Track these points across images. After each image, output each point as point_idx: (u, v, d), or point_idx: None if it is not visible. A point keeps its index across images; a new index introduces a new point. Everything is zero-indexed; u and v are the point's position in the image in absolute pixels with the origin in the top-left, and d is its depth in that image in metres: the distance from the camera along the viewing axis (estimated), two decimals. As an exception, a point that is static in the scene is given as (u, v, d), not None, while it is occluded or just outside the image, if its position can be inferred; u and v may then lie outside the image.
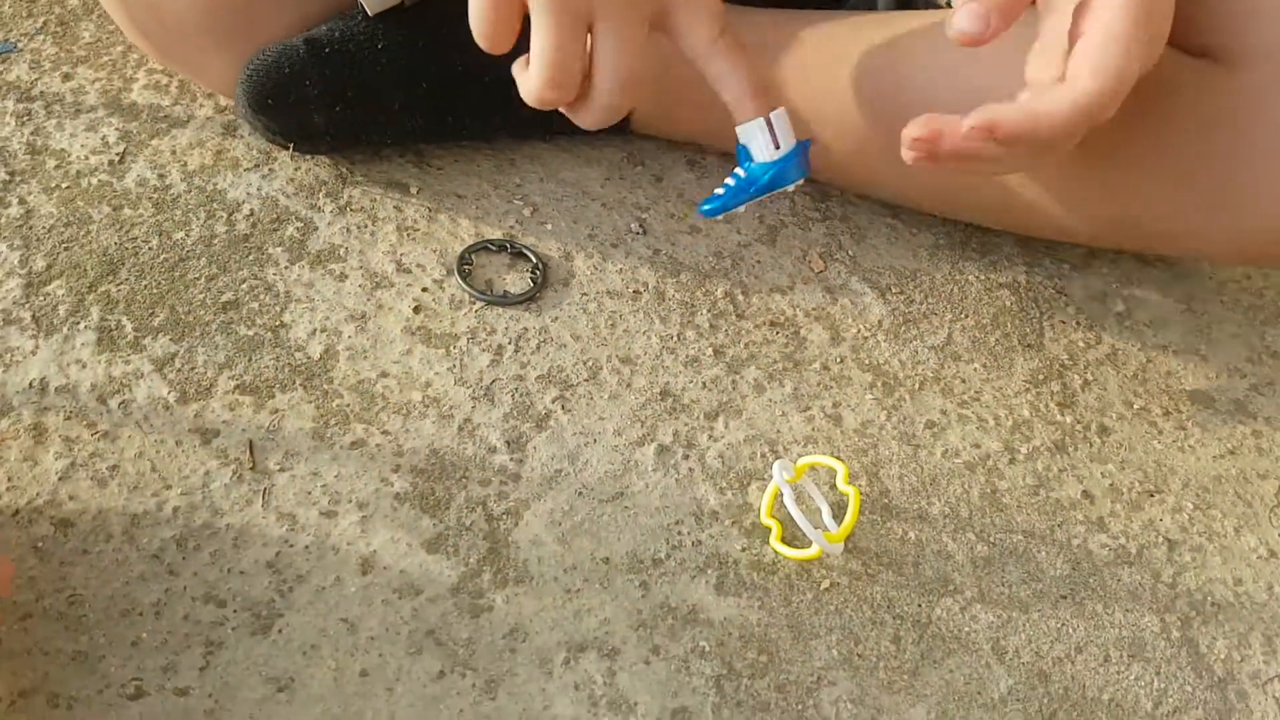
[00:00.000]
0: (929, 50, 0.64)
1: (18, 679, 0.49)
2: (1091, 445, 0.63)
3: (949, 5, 0.67)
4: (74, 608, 0.52)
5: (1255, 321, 0.71)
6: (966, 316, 0.68)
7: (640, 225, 0.70)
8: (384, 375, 0.62)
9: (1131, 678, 0.55)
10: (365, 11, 0.65)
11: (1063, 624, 0.56)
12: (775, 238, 0.71)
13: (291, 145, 0.69)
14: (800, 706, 0.53)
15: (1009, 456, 0.63)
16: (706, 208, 0.56)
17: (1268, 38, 0.56)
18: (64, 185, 0.68)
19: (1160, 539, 0.60)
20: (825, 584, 0.57)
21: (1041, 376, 0.66)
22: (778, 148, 0.53)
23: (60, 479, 0.56)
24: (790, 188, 0.55)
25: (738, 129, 0.54)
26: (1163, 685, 0.54)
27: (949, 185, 0.67)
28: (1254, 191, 0.57)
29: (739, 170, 0.55)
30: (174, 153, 0.70)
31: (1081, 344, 0.68)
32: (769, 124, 0.53)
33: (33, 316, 0.62)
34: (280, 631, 0.52)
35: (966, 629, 0.56)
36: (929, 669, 0.54)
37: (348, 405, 0.60)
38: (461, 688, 0.51)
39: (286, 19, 0.67)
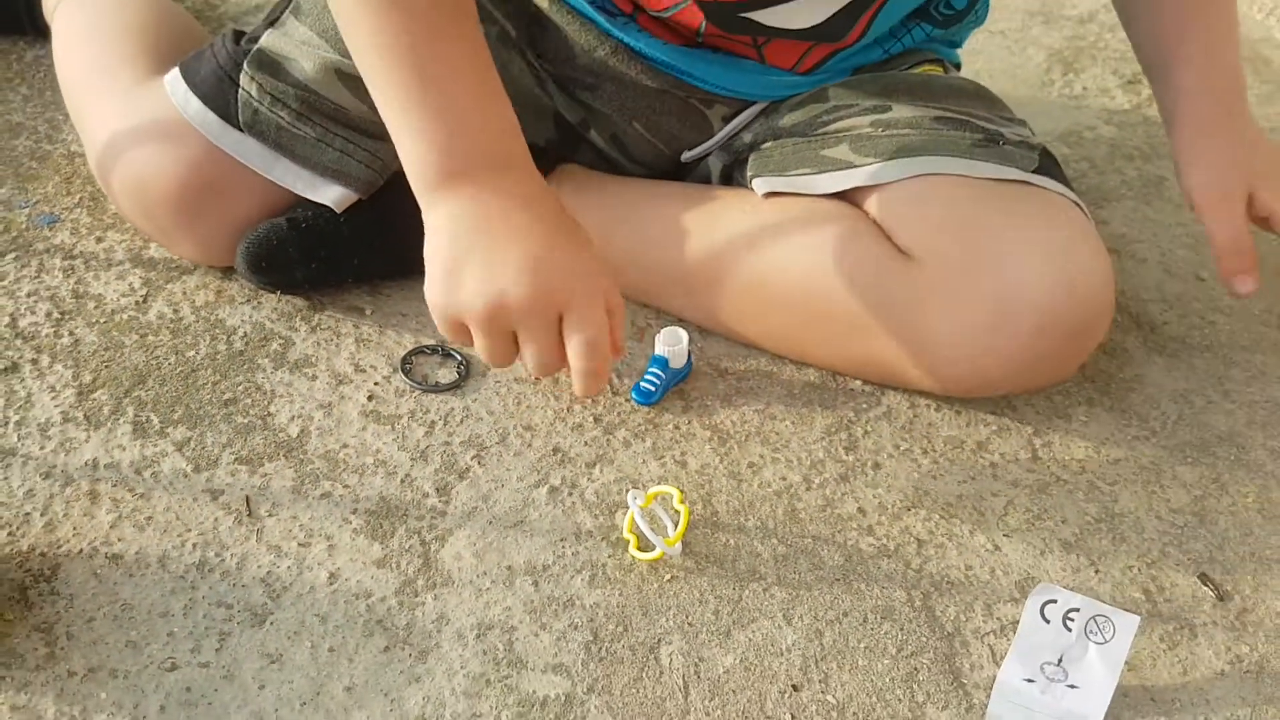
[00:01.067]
0: (740, 219, 0.90)
1: (87, 660, 0.70)
2: (867, 476, 0.86)
3: (751, 186, 0.92)
4: (125, 612, 0.73)
5: (1002, 384, 0.94)
6: (780, 388, 0.92)
7: (537, 332, 0.94)
8: (345, 446, 0.84)
9: (883, 633, 0.76)
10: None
11: (835, 598, 0.78)
12: (643, 336, 0.95)
13: (278, 292, 0.93)
14: (645, 658, 0.74)
15: (806, 485, 0.85)
16: (643, 401, 0.89)
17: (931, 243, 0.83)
18: (102, 320, 0.91)
19: (912, 539, 0.82)
20: (668, 577, 0.78)
21: (834, 429, 0.89)
22: (683, 360, 0.90)
23: (111, 527, 0.77)
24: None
25: (657, 349, 0.89)
26: (904, 637, 0.76)
27: (748, 332, 0.93)
28: (934, 350, 0.83)
29: (658, 372, 0.89)
30: (184, 293, 0.94)
31: (865, 405, 0.91)
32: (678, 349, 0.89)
33: (85, 415, 0.84)
34: (272, 624, 0.73)
35: (766, 604, 0.77)
36: (738, 630, 0.76)
37: (319, 469, 0.83)
38: (402, 656, 0.72)
39: (254, 203, 0.91)
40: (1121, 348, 0.97)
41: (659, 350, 0.89)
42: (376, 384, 0.89)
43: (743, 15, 0.85)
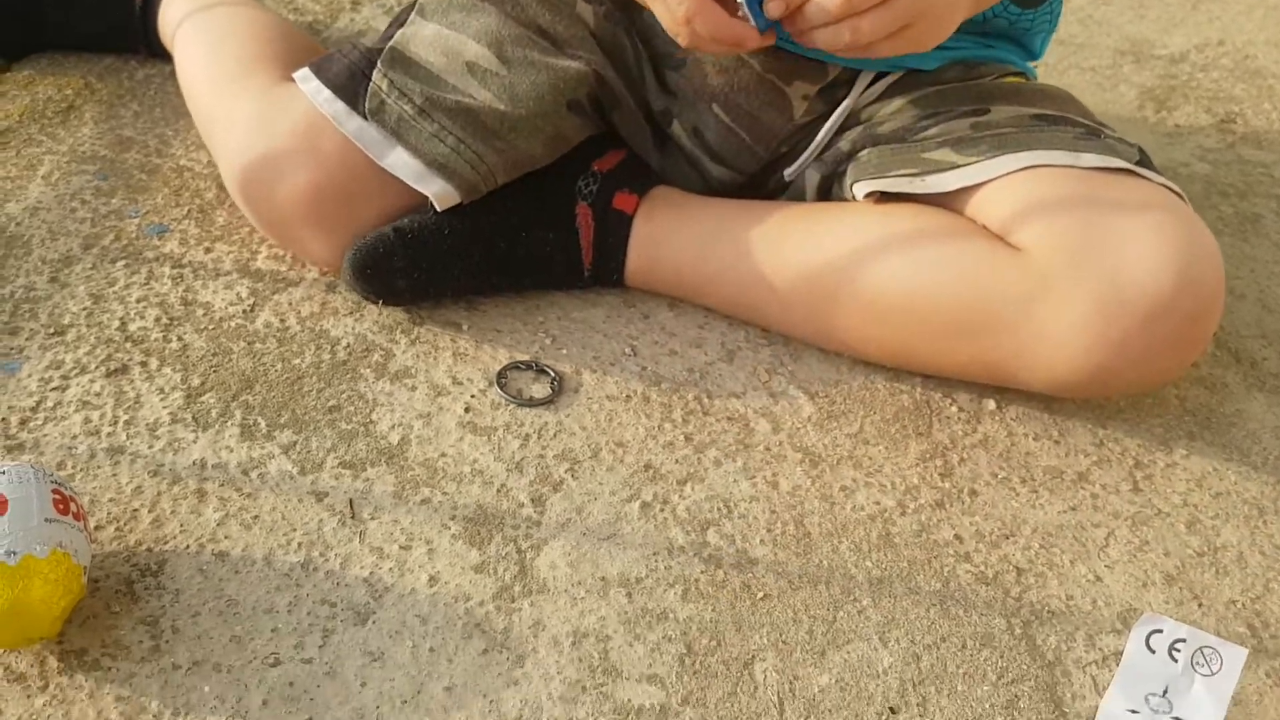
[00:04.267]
0: (842, 231, 0.90)
1: (192, 654, 0.72)
2: (963, 503, 0.85)
3: (854, 198, 0.93)
4: (230, 607, 0.74)
5: (1100, 416, 0.93)
6: (875, 413, 0.92)
7: (632, 349, 0.95)
8: (443, 455, 0.85)
9: (982, 659, 0.75)
10: (434, 206, 0.92)
11: (933, 623, 0.77)
12: (733, 358, 0.95)
13: (380, 301, 0.95)
14: (739, 674, 0.73)
15: (901, 510, 0.85)
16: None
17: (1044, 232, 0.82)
18: (210, 327, 0.94)
19: (1011, 567, 0.81)
20: (761, 595, 0.78)
21: (929, 455, 0.89)
22: None
23: (218, 525, 0.79)
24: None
25: None
26: (1004, 664, 0.75)
27: (849, 341, 0.92)
28: (1048, 343, 0.82)
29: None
30: (290, 304, 0.96)
31: (960, 433, 0.90)
32: None
33: (193, 417, 0.87)
34: (374, 623, 0.74)
35: (861, 626, 0.77)
36: (833, 650, 0.75)
37: (418, 475, 0.84)
38: (500, 660, 0.73)
39: (373, 210, 0.94)
40: (1221, 383, 0.96)
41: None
42: (473, 396, 0.90)
43: None
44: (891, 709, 0.72)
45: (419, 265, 0.92)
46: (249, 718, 0.68)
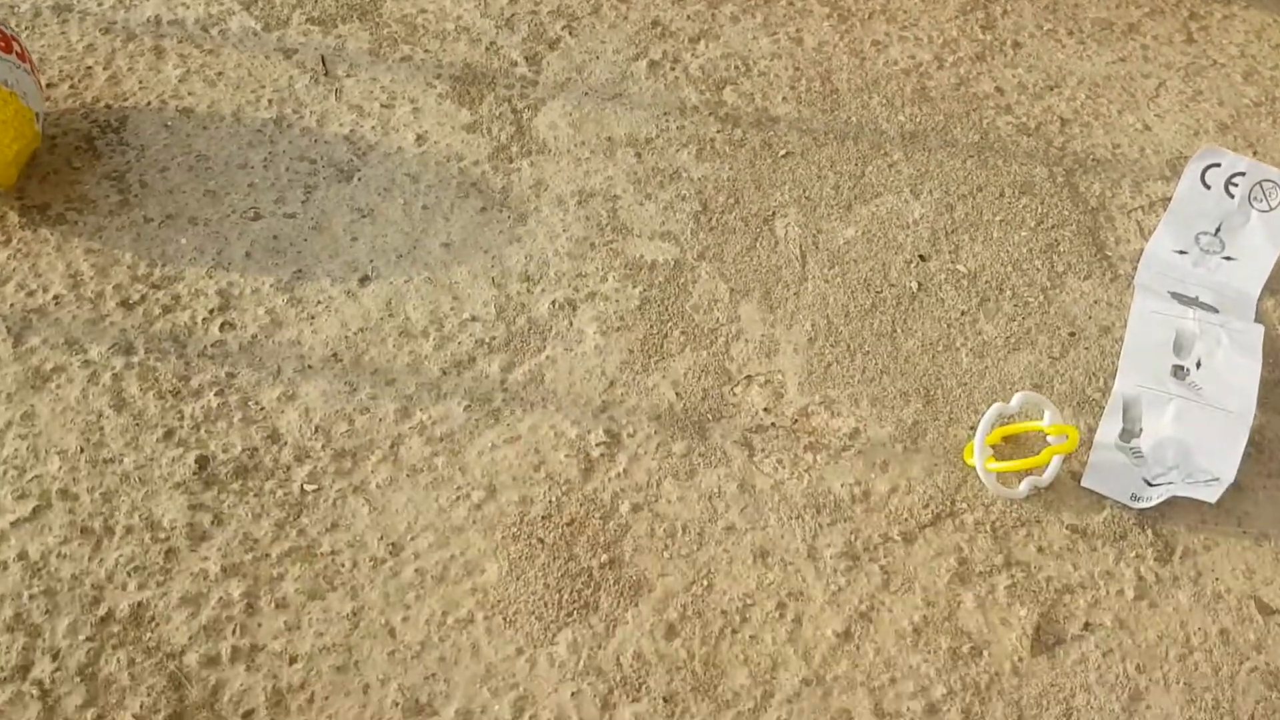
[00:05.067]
0: None
1: (164, 208, 0.66)
2: (1006, 56, 0.77)
3: None
4: (200, 162, 0.68)
5: (1156, -33, 0.83)
6: (908, -35, 0.82)
7: (633, -101, 0.84)
8: (423, 11, 0.76)
9: (1020, 206, 0.70)
10: None
11: (969, 173, 0.71)
12: None
13: None
14: (759, 229, 0.68)
15: (938, 64, 0.77)
16: None
17: None
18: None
19: (1055, 118, 0.74)
20: (783, 152, 0.72)
21: (969, 7, 0.80)
22: None
23: (180, 81, 0.71)
24: None
25: None
26: (1044, 210, 0.69)
27: None
28: None
29: None
30: None
31: (1003, -18, 0.81)
32: None
33: (141, -28, 0.77)
34: (360, 180, 0.68)
35: (892, 179, 0.71)
36: (860, 205, 0.69)
37: (396, 33, 0.75)
38: (500, 218, 0.67)
39: None
40: (1297, -73, 0.85)
41: None
42: (456, -49, 0.80)
43: None
44: (921, 256, 0.67)
45: None
46: (233, 269, 0.63)
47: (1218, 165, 0.65)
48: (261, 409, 0.58)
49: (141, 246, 0.64)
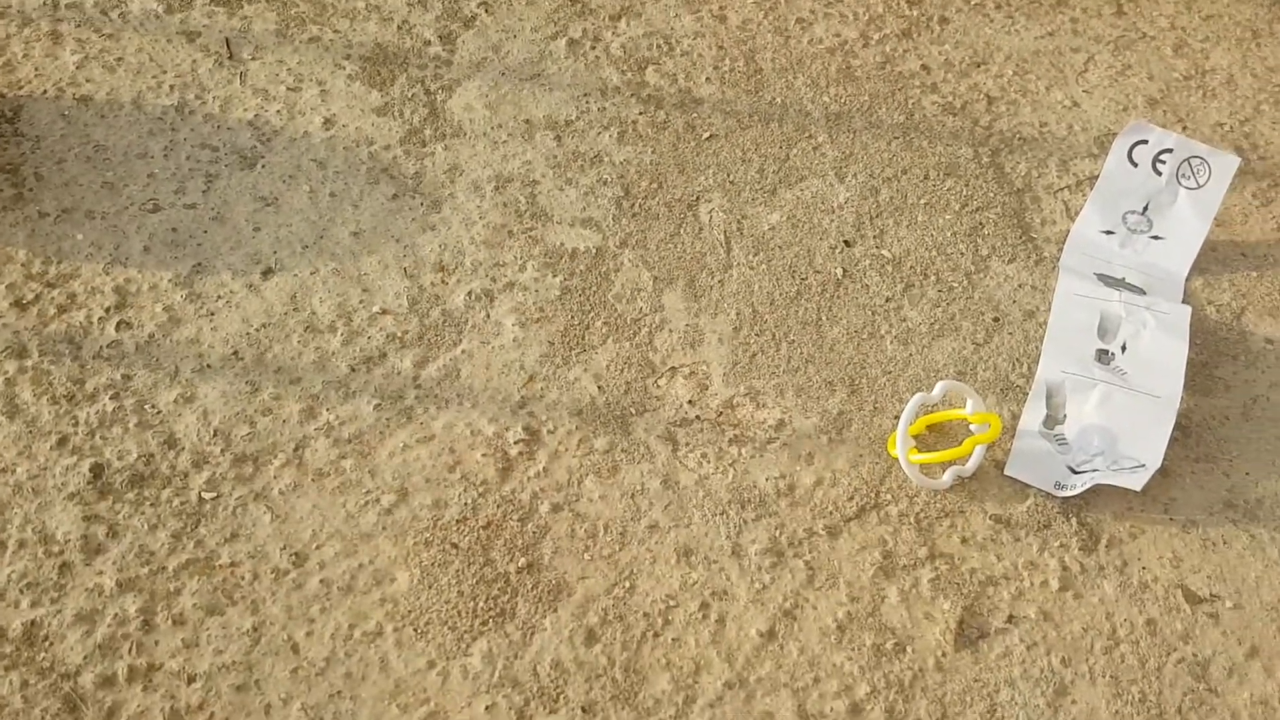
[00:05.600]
0: None
1: (59, 201, 0.63)
2: (932, 32, 0.76)
3: None
4: (98, 153, 0.65)
5: (1084, -61, 0.82)
6: (834, -61, 0.80)
7: None
8: (335, -11, 0.73)
9: (945, 189, 0.69)
10: None
11: (894, 155, 0.70)
12: (671, -117, 0.82)
13: None
14: (682, 215, 0.66)
15: (863, 42, 0.75)
16: None
17: None
18: None
19: (981, 96, 0.73)
20: (706, 135, 0.70)
21: (890, -18, 0.78)
22: None
23: (77, 68, 0.68)
24: None
25: None
26: (969, 193, 0.68)
27: None
28: None
29: None
30: None
31: (930, -44, 0.79)
32: None
33: (33, -50, 0.73)
34: (263, 167, 0.65)
35: (816, 162, 0.69)
36: (785, 189, 0.68)
37: (304, 12, 0.72)
38: (412, 205, 0.65)
39: None
40: (1225, -102, 0.85)
41: None
42: (368, -73, 0.77)
43: None
44: (846, 242, 0.66)
45: None
46: (130, 264, 0.60)
47: (1145, 142, 0.64)
48: (158, 412, 0.55)
49: (36, 243, 0.61)
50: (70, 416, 0.55)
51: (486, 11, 0.74)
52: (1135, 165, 0.64)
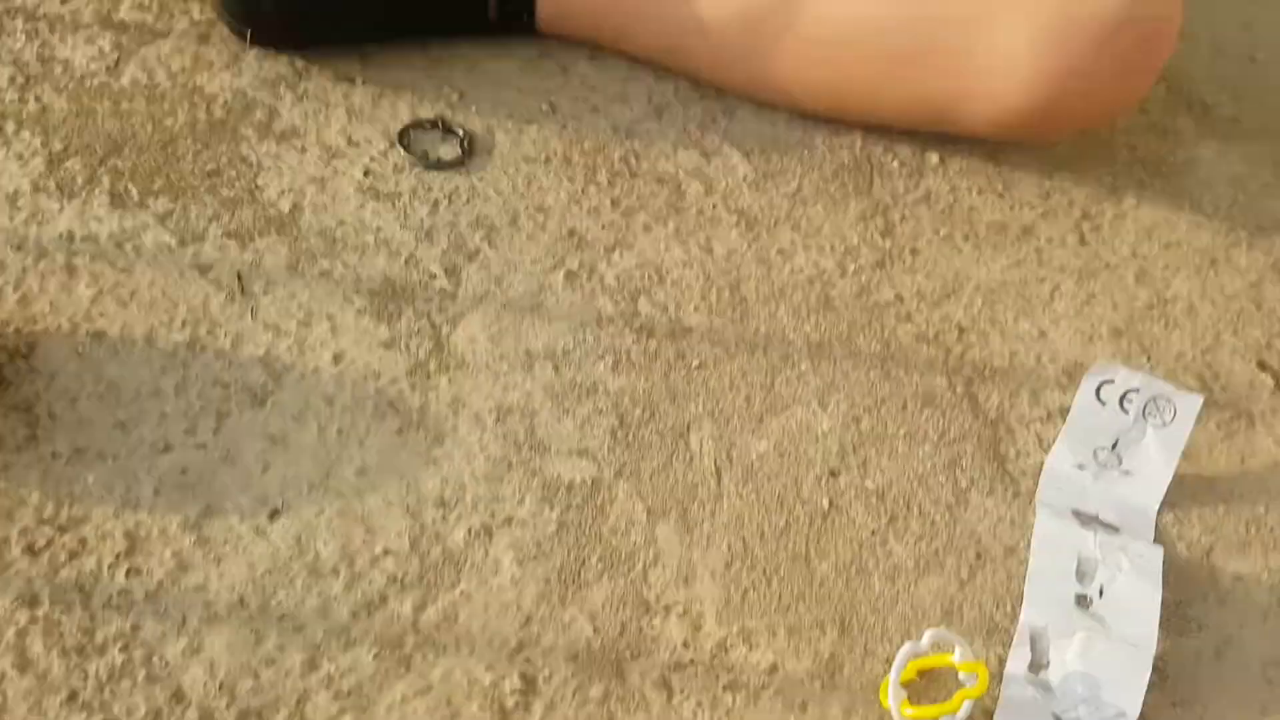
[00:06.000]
0: None
1: (72, 441, 0.65)
2: (905, 262, 0.80)
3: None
4: (111, 392, 0.67)
5: (1046, 167, 0.88)
6: (813, 171, 0.85)
7: (550, 105, 0.86)
8: (342, 223, 0.77)
9: (923, 419, 0.72)
10: None
11: (873, 384, 0.73)
12: (661, 114, 0.87)
13: (249, 33, 0.84)
14: (674, 444, 0.69)
15: (840, 272, 0.79)
16: None
17: None
18: (71, 86, 0.83)
19: (953, 326, 0.77)
20: (695, 363, 0.73)
21: (869, 214, 0.83)
22: None
23: (91, 303, 0.71)
24: None
25: None
26: (946, 423, 0.72)
27: (785, 83, 0.84)
28: (998, 70, 0.76)
29: None
30: (159, 58, 0.85)
31: (902, 189, 0.84)
32: None
33: (56, 185, 0.77)
34: (273, 404, 0.68)
35: (800, 391, 0.72)
36: (771, 417, 0.71)
37: (315, 246, 0.76)
38: (416, 439, 0.68)
39: None
40: (1173, 129, 0.91)
41: None
42: (372, 159, 0.81)
43: None
44: (832, 472, 0.69)
45: None
46: (141, 508, 0.62)
47: (1111, 381, 0.68)
48: (166, 664, 0.56)
49: (49, 485, 0.63)
50: (80, 670, 0.56)
51: (489, 245, 0.78)
52: (1103, 403, 0.68)
